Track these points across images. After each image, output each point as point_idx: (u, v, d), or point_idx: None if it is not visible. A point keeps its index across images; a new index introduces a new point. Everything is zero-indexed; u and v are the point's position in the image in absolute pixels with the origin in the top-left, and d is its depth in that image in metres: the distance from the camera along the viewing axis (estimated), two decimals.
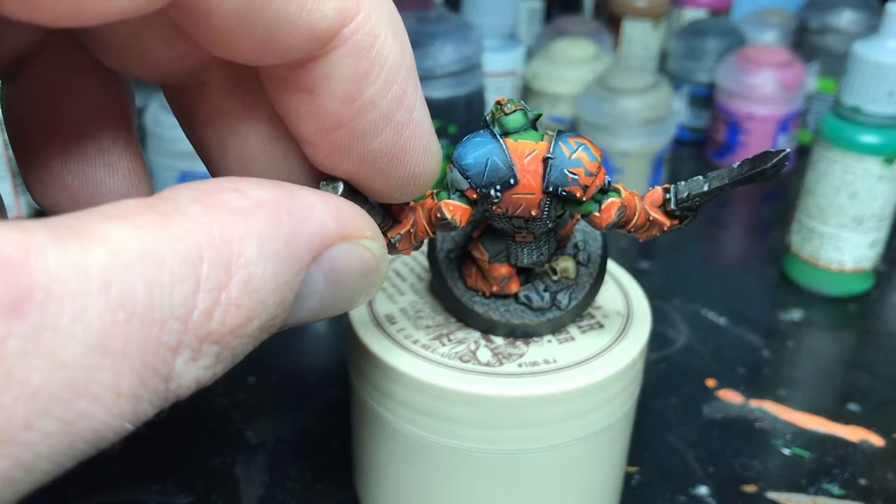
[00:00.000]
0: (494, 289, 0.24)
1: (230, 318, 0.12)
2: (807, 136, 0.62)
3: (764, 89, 0.57)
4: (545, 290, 0.24)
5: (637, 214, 0.21)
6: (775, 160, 0.20)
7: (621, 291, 0.27)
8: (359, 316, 0.26)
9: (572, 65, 0.58)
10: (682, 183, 0.22)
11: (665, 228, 0.22)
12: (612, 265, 0.29)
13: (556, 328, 0.25)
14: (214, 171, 0.19)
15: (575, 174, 0.19)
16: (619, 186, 0.21)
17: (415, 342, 0.25)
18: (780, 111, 0.57)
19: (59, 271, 0.10)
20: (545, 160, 0.20)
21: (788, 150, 0.20)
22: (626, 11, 0.69)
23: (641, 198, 0.22)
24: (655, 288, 0.44)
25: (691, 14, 0.71)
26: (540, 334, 0.25)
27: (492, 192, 0.20)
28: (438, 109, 0.48)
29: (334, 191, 0.18)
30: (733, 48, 0.61)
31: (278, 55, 0.15)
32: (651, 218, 0.21)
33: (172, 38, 0.16)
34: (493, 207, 0.20)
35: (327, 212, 0.14)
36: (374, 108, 0.16)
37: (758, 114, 0.57)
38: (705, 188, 0.21)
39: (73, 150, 0.18)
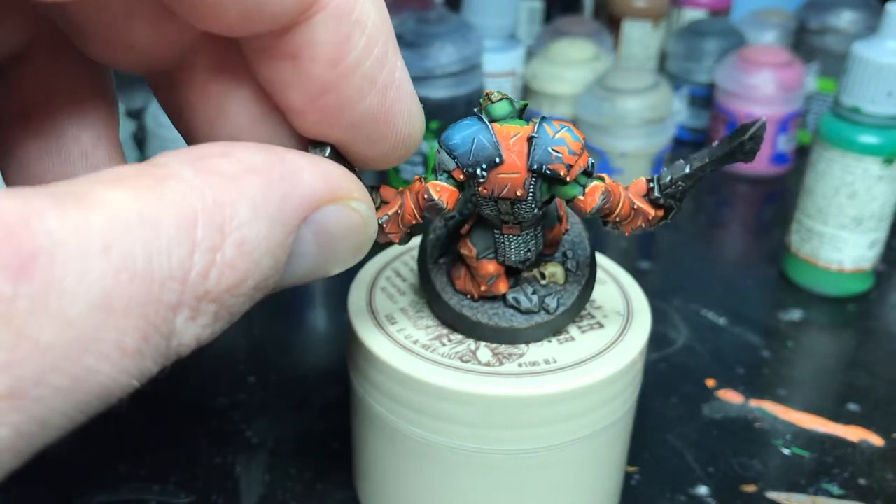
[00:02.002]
0: (483, 288, 0.24)
1: (225, 278, 0.13)
2: (806, 136, 0.62)
3: (763, 90, 0.57)
4: (533, 293, 0.24)
5: (622, 202, 0.22)
6: (752, 131, 0.20)
7: (621, 291, 0.28)
8: (359, 316, 0.26)
9: (572, 65, 0.58)
10: (665, 169, 0.22)
11: (650, 218, 0.22)
12: (612, 265, 0.29)
13: (546, 333, 0.25)
14: None
15: (559, 152, 0.20)
16: (604, 176, 0.21)
17: (415, 342, 0.25)
18: (779, 111, 0.57)
19: (61, 235, 0.11)
20: (530, 139, 0.20)
21: (765, 118, 0.20)
22: (626, 12, 0.69)
23: (626, 188, 0.22)
24: (655, 288, 0.44)
25: (691, 14, 0.71)
26: (528, 339, 0.25)
27: (478, 171, 0.20)
28: (438, 109, 0.48)
29: (322, 153, 0.18)
30: (733, 48, 0.61)
31: (264, 23, 0.15)
32: (636, 206, 0.22)
33: (158, 20, 0.17)
34: (480, 189, 0.21)
35: (316, 174, 0.15)
36: (357, 71, 0.16)
37: (757, 114, 0.57)
38: (687, 170, 0.21)
39: (56, 149, 0.19)
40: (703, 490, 0.32)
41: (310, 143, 0.18)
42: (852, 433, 0.35)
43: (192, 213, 0.12)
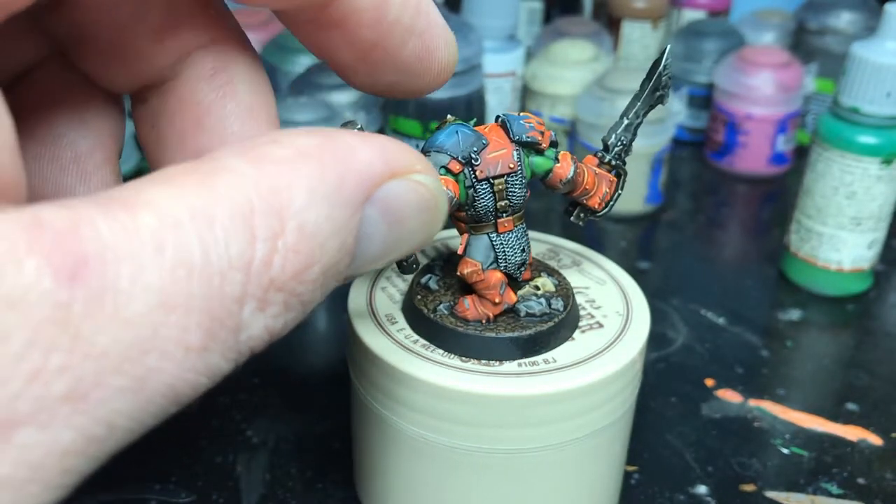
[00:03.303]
0: (497, 301, 0.24)
1: (290, 264, 0.13)
2: (805, 136, 0.62)
3: (763, 90, 0.57)
4: (539, 299, 0.26)
5: (585, 171, 0.25)
6: (663, 62, 0.24)
7: (621, 291, 0.28)
8: (359, 316, 0.26)
9: (572, 66, 0.58)
10: (605, 134, 0.25)
11: (611, 180, 0.25)
12: (611, 265, 0.29)
13: (565, 333, 0.25)
14: None
15: (530, 123, 0.24)
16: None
17: (415, 342, 0.25)
18: (778, 112, 0.57)
19: (110, 238, 0.11)
20: (503, 123, 0.24)
21: (668, 45, 0.24)
22: (626, 12, 0.69)
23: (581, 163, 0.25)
24: (655, 288, 0.44)
25: (690, 15, 0.71)
26: (553, 342, 0.25)
27: (472, 155, 0.23)
28: (439, 110, 0.48)
29: (354, 127, 0.20)
30: (732, 49, 0.61)
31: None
32: (596, 172, 0.25)
33: (163, 27, 0.18)
34: (477, 172, 0.23)
35: (371, 151, 0.14)
36: (398, 24, 0.18)
37: (756, 114, 0.57)
38: (625, 121, 0.25)
39: (50, 153, 0.19)
40: (702, 489, 0.32)
41: (341, 125, 0.20)
42: (851, 433, 0.35)
43: (247, 203, 0.12)
